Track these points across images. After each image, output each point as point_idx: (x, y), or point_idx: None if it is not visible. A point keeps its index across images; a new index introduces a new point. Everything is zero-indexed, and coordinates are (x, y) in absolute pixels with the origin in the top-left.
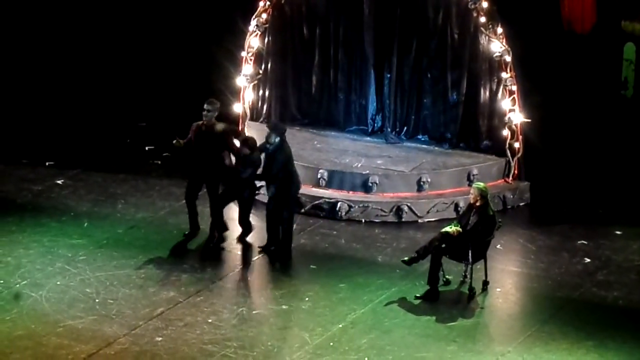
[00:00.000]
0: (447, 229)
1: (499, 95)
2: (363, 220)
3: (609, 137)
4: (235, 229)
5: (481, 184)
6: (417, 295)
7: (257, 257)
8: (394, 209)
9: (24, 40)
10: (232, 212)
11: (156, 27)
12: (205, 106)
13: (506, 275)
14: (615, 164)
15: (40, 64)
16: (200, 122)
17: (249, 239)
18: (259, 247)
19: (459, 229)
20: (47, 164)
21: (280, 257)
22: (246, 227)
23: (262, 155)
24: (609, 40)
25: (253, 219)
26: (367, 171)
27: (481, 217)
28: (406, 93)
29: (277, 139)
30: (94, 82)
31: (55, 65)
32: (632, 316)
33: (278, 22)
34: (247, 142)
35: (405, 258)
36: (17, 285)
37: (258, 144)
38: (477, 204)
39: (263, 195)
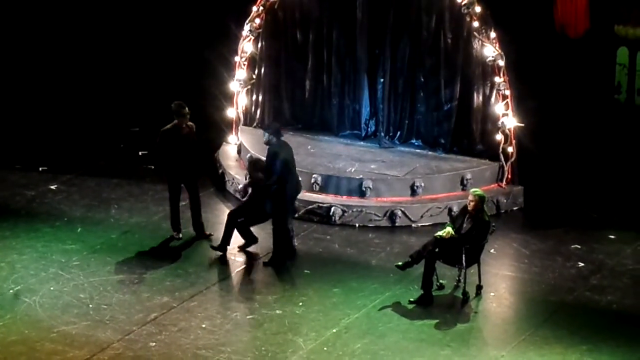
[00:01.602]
0: (440, 232)
1: (493, 99)
2: (357, 225)
3: (603, 141)
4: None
5: (479, 191)
6: (411, 299)
7: (250, 262)
8: (387, 214)
9: (17, 47)
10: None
11: (149, 31)
12: (186, 110)
13: (500, 280)
14: (609, 169)
15: (34, 70)
16: (173, 125)
17: (251, 248)
18: (263, 262)
19: (451, 230)
20: (40, 169)
21: (275, 261)
22: (251, 238)
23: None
24: (602, 45)
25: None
26: (361, 176)
27: (476, 223)
28: (399, 97)
29: (272, 137)
30: (87, 87)
31: (48, 70)
32: (626, 320)
33: (271, 27)
34: (257, 165)
35: (399, 263)
36: (11, 291)
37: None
38: (475, 210)
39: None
